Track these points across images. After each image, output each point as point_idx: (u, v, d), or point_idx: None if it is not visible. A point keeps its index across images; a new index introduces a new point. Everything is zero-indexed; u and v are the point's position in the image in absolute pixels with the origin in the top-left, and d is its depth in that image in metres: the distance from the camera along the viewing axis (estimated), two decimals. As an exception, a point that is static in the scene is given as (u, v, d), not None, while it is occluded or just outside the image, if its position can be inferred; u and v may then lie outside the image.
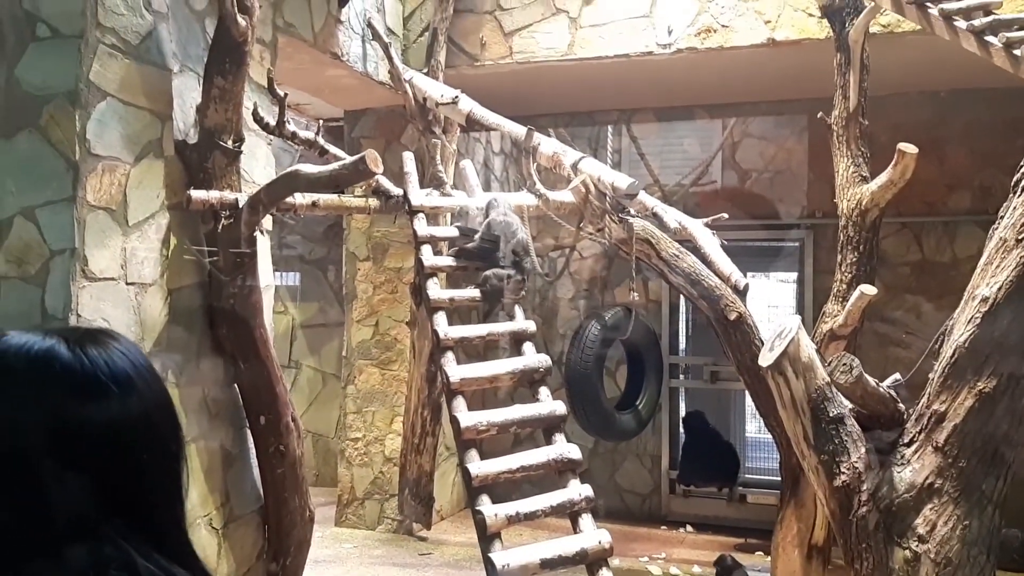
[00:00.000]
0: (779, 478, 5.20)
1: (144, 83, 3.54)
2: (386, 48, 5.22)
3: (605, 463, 7.04)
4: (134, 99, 3.50)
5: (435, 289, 3.97)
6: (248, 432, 4.09)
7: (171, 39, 3.68)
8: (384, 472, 6.26)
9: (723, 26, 5.25)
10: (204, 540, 3.76)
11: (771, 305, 7.39)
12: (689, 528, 6.66)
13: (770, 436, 5.42)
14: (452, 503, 6.79)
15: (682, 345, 7.27)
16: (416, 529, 6.17)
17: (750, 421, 8.77)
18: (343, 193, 4.19)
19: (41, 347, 0.86)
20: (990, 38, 3.77)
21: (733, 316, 4.65)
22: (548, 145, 4.65)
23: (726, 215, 4.59)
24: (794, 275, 7.11)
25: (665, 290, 6.92)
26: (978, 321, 2.80)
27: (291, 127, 3.92)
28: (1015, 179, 2.90)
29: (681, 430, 6.97)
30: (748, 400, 7.77)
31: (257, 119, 3.92)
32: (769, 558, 4.98)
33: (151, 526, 0.86)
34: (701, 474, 6.59)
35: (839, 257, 4.69)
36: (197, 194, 3.62)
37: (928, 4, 3.94)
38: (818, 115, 4.71)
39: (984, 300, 2.80)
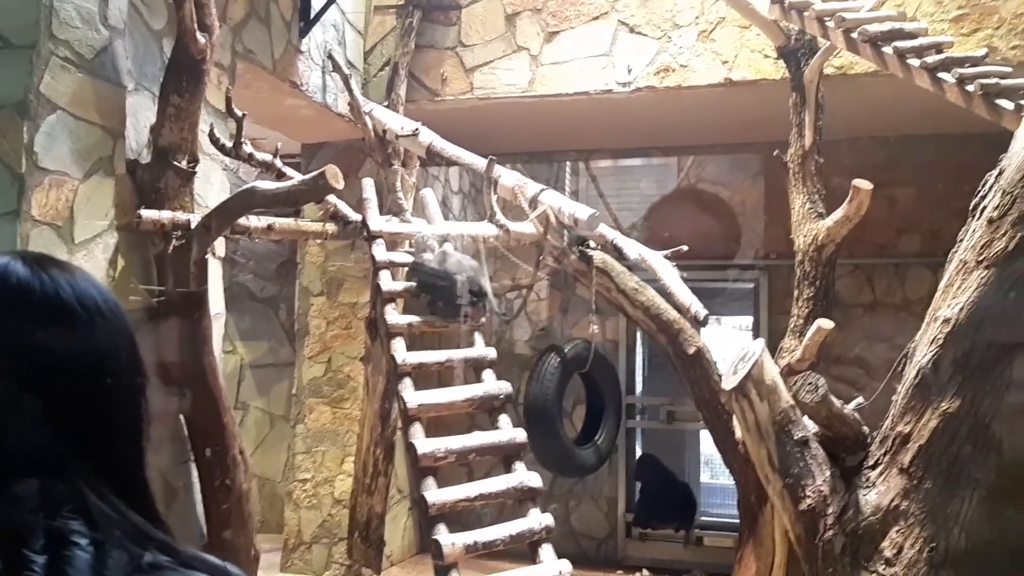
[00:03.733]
0: (735, 522, 5.14)
1: (97, 98, 3.44)
2: (346, 80, 5.19)
3: (560, 505, 6.91)
4: (86, 114, 3.40)
5: (393, 315, 3.89)
6: (193, 465, 3.93)
7: (127, 56, 3.60)
8: (333, 515, 6.06)
9: (681, 66, 5.34)
10: (143, 577, 3.56)
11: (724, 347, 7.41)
12: (646, 572, 6.53)
13: (724, 482, 5.40)
14: (403, 548, 6.59)
15: (639, 386, 7.24)
16: (365, 574, 5.95)
17: (704, 469, 8.75)
18: (299, 217, 4.10)
19: None
20: (943, 75, 3.86)
21: (692, 351, 4.64)
22: (508, 177, 4.64)
23: (686, 247, 4.60)
24: (749, 319, 7.17)
25: (622, 329, 6.91)
26: (941, 342, 2.80)
27: (247, 148, 3.85)
28: (973, 203, 2.94)
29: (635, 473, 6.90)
30: (703, 443, 7.77)
31: (213, 140, 3.84)
32: (728, 599, 4.89)
33: (109, 464, 0.77)
34: (657, 515, 6.50)
35: (796, 292, 4.73)
36: (148, 213, 3.51)
37: (881, 43, 4.04)
38: (775, 152, 4.79)
39: (946, 321, 2.80)
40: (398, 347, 3.76)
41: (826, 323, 4.33)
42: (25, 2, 3.18)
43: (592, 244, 4.57)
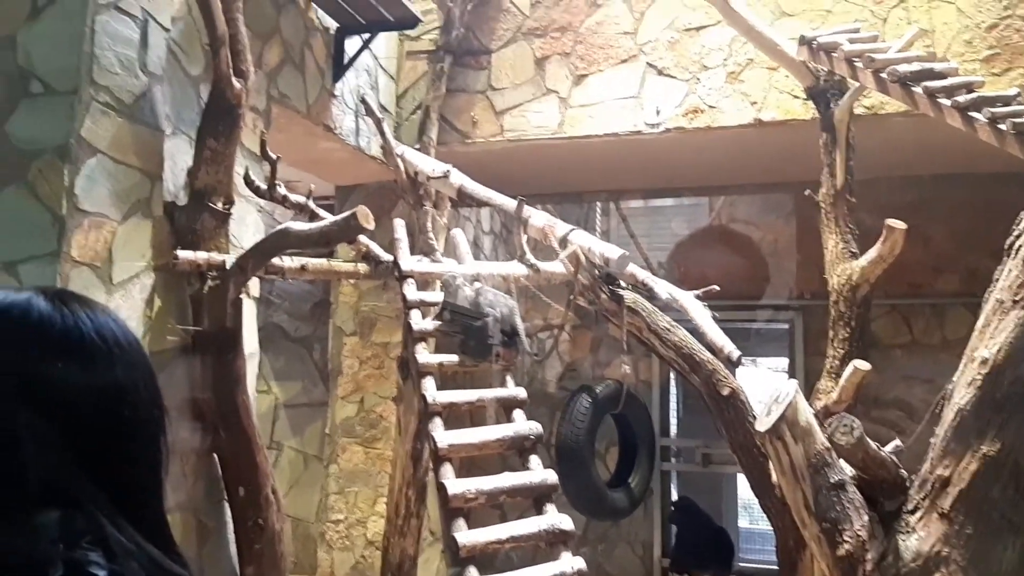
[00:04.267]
0: (774, 568, 5.03)
1: (136, 142, 3.53)
2: (379, 123, 5.26)
3: (594, 550, 6.81)
4: (124, 157, 3.48)
5: (424, 354, 3.90)
6: (226, 504, 3.94)
7: (165, 101, 3.70)
8: (366, 556, 6.03)
9: (710, 107, 5.35)
10: (174, 617, 3.56)
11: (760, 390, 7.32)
12: (682, 619, 6.42)
13: (763, 527, 5.30)
14: (435, 591, 6.52)
15: (673, 427, 7.16)
16: (397, 617, 5.89)
17: (743, 515, 8.59)
18: (332, 257, 4.16)
19: (15, 298, 0.80)
20: (974, 114, 3.83)
21: (726, 391, 4.57)
22: (538, 217, 4.66)
23: (717, 287, 4.57)
24: (784, 359, 7.07)
25: (655, 371, 6.85)
26: (979, 384, 2.75)
27: (282, 190, 3.91)
28: (1008, 241, 2.91)
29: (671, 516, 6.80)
30: (740, 487, 7.64)
31: (248, 182, 3.91)
32: (766, 647, 4.77)
33: (127, 496, 0.78)
34: (695, 561, 6.38)
35: (831, 334, 4.66)
36: (184, 254, 3.57)
37: (911, 83, 4.02)
38: (806, 192, 4.76)
39: (984, 362, 2.75)
40: (428, 386, 3.76)
41: (862, 364, 4.26)
42: (67, 49, 3.29)
43: (623, 284, 4.56)
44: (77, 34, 3.28)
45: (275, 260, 3.75)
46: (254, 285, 4.10)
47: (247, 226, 4.19)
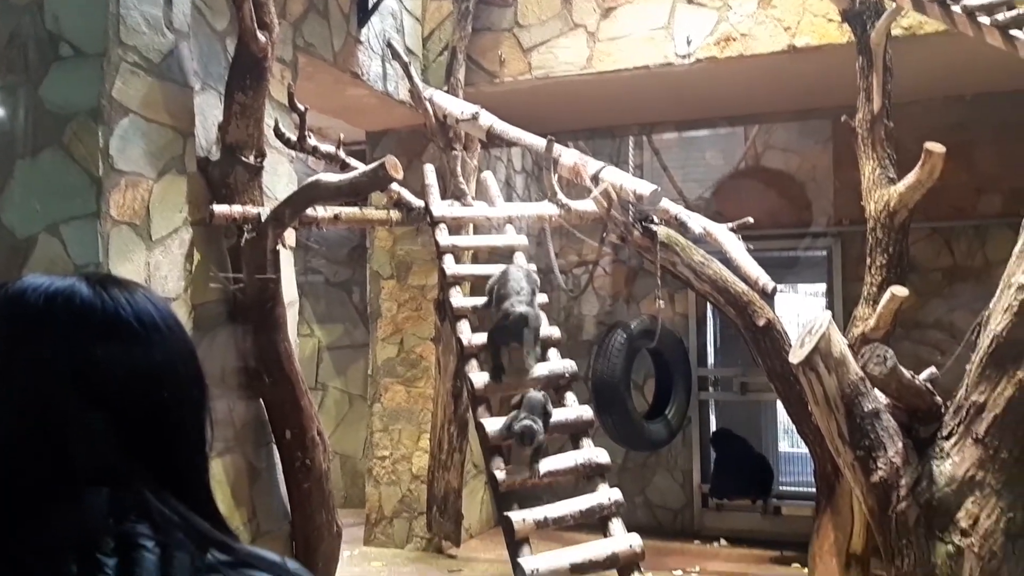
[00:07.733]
0: (814, 491, 5.10)
1: (166, 100, 3.57)
2: (406, 67, 5.25)
3: (635, 478, 6.94)
4: (156, 116, 3.53)
5: (458, 297, 3.96)
6: (274, 447, 4.08)
7: (192, 58, 3.72)
8: (412, 490, 6.21)
9: (742, 35, 5.23)
10: (231, 556, 3.73)
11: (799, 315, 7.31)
12: (723, 542, 6.53)
13: (804, 450, 5.34)
14: (481, 521, 6.71)
15: (711, 357, 7.20)
16: (445, 547, 6.10)
17: (783, 438, 8.64)
18: (365, 206, 4.20)
19: (60, 285, 0.83)
20: (1015, 32, 3.71)
21: (762, 322, 4.59)
22: (569, 156, 4.64)
23: (751, 219, 4.54)
24: (822, 286, 7.03)
25: (692, 302, 6.86)
26: (1016, 310, 2.73)
27: (312, 141, 3.94)
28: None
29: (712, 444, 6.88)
30: (780, 412, 7.68)
31: (278, 134, 3.95)
32: (806, 570, 4.86)
33: (171, 472, 0.83)
34: (734, 487, 6.47)
35: (868, 260, 4.63)
36: (220, 209, 3.64)
37: (950, 1, 3.90)
38: (842, 118, 4.67)
39: (1021, 288, 2.73)
40: (464, 329, 3.83)
41: (900, 290, 4.24)
42: (93, 11, 3.32)
43: (656, 219, 4.55)
44: (102, -5, 3.30)
45: (309, 210, 3.80)
46: (290, 235, 4.17)
47: (280, 177, 4.24)
